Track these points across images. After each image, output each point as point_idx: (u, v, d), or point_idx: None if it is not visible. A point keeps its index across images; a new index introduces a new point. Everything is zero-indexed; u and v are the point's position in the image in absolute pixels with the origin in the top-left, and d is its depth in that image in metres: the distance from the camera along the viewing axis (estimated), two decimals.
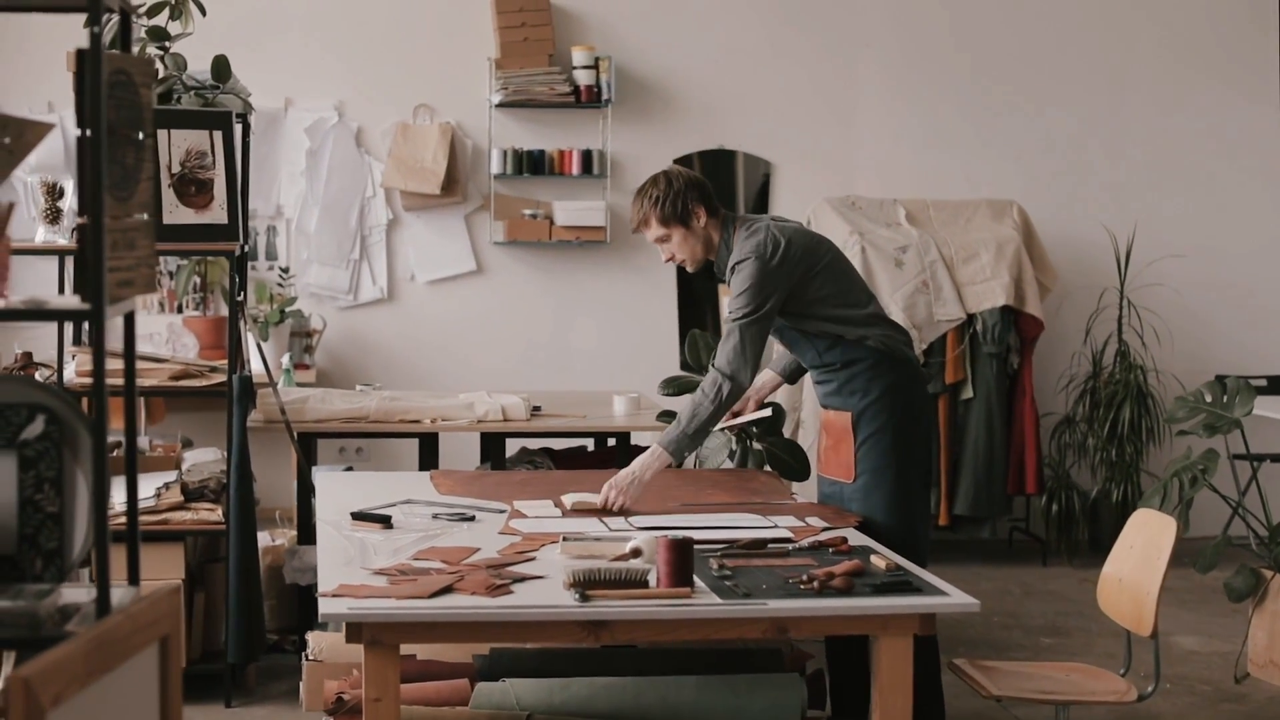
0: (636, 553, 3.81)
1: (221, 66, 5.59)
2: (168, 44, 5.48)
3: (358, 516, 4.32)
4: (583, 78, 7.78)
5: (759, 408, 5.00)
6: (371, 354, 7.87)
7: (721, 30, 8.00)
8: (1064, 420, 7.85)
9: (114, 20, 2.75)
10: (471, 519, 4.37)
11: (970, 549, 7.67)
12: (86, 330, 5.68)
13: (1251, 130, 8.20)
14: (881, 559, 3.90)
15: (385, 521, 4.27)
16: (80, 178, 2.44)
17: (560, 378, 7.82)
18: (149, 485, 5.30)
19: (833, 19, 8.04)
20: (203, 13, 5.63)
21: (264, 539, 5.81)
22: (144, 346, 6.35)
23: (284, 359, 7.15)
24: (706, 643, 4.32)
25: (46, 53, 7.09)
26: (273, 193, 7.78)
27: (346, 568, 3.79)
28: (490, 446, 6.18)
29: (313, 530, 4.71)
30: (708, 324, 7.86)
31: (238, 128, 5.53)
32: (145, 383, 5.34)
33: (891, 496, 4.51)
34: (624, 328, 8.00)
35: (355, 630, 3.45)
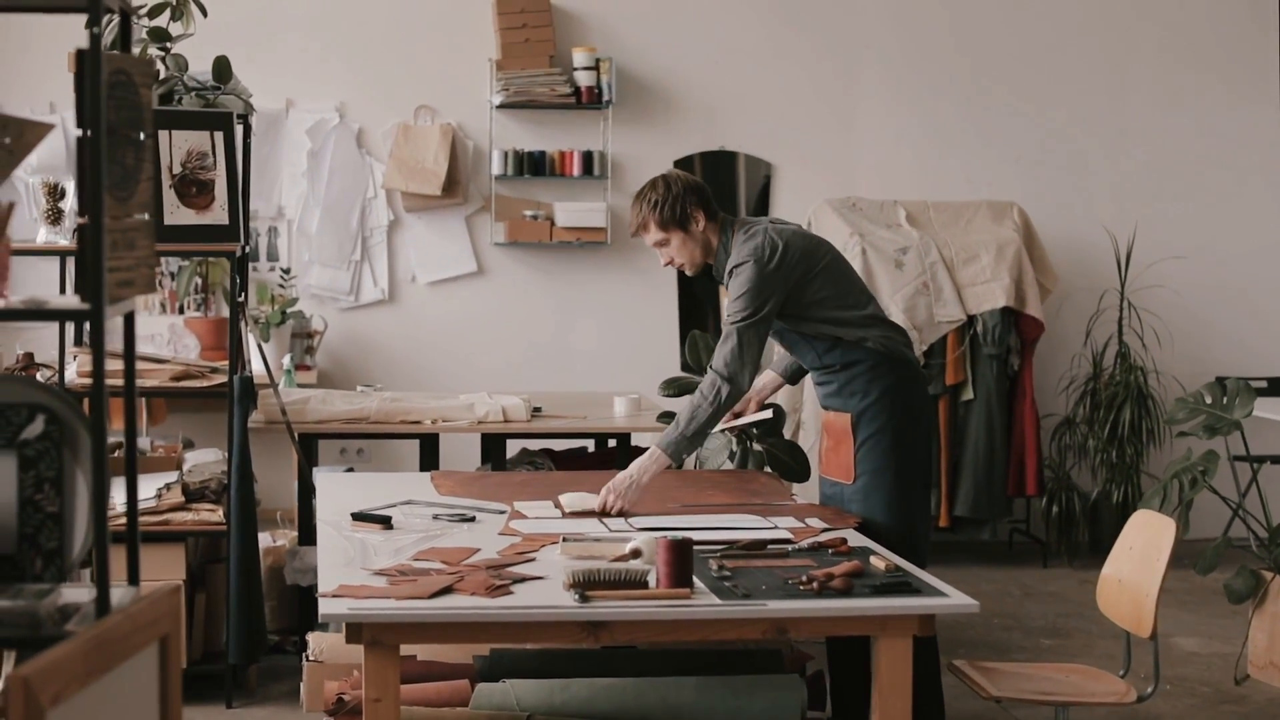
0: (636, 553, 3.82)
1: (222, 67, 5.59)
2: (169, 45, 5.48)
3: (358, 517, 4.32)
4: (583, 79, 7.79)
5: (759, 409, 4.99)
6: (372, 355, 7.87)
7: (722, 32, 8.00)
8: (1064, 422, 7.85)
9: (114, 21, 2.76)
10: (472, 520, 4.37)
11: (970, 550, 7.67)
12: (88, 331, 5.68)
13: (1252, 132, 8.20)
14: (881, 560, 3.91)
15: (386, 522, 4.27)
16: (80, 178, 2.45)
17: (561, 379, 7.82)
18: (150, 486, 5.30)
19: (833, 20, 8.04)
20: (204, 14, 5.64)
21: (265, 540, 5.81)
22: (145, 347, 6.35)
23: (285, 360, 7.15)
24: (706, 644, 4.33)
25: (48, 53, 7.10)
26: (274, 194, 7.79)
27: (347, 568, 3.79)
28: (491, 447, 6.18)
29: (313, 531, 4.71)
30: (708, 325, 7.85)
31: (239, 129, 5.53)
32: (146, 383, 5.34)
33: (891, 497, 4.51)
34: (625, 329, 8.00)
35: (355, 631, 3.46)
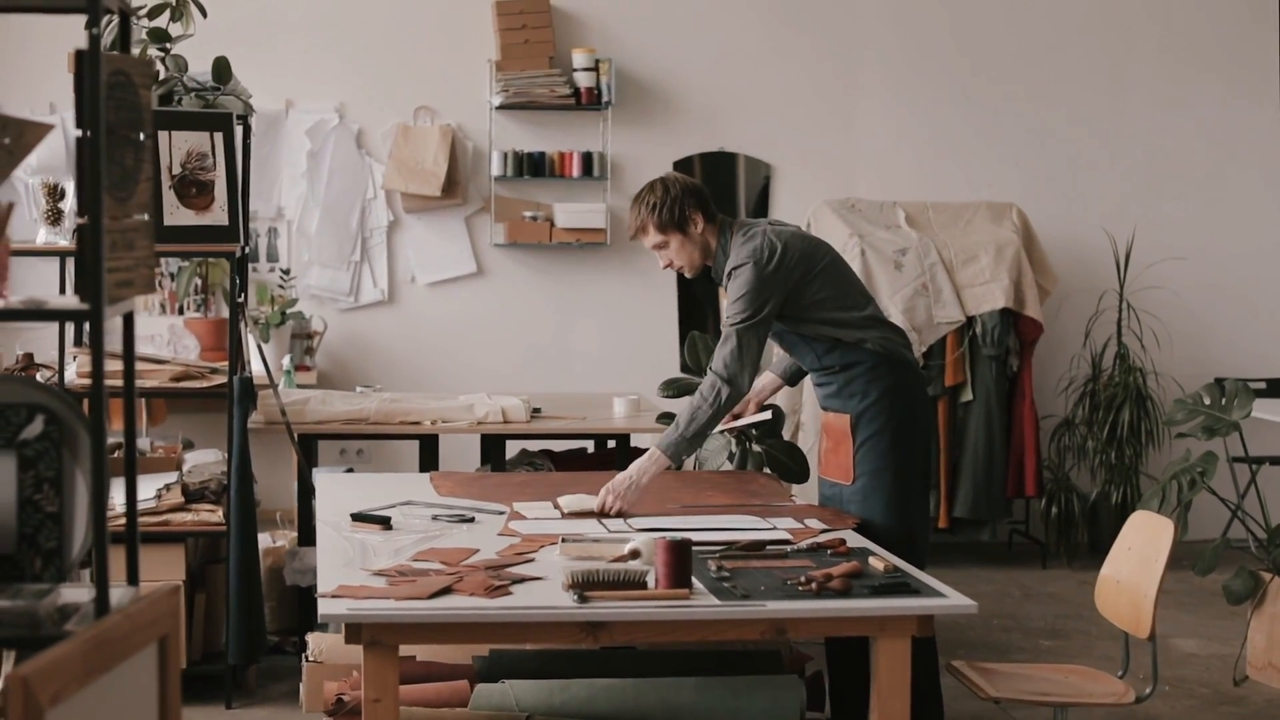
0: (635, 554, 3.82)
1: (222, 68, 5.60)
2: (169, 45, 5.48)
3: (358, 518, 4.32)
4: (583, 80, 7.79)
5: (758, 410, 5.00)
6: (372, 356, 7.87)
7: (721, 33, 8.00)
8: (1063, 423, 7.85)
9: (114, 21, 2.76)
10: (471, 520, 4.37)
11: (970, 551, 7.67)
12: (87, 331, 5.68)
13: (1251, 133, 8.20)
14: (880, 561, 3.91)
15: (385, 523, 4.28)
16: (79, 178, 2.45)
17: (560, 379, 7.82)
18: (150, 486, 5.30)
19: (832, 21, 8.04)
20: (203, 14, 5.64)
21: (264, 540, 5.81)
22: (145, 348, 6.35)
23: (285, 360, 7.15)
24: (705, 644, 4.33)
25: (48, 54, 7.10)
26: (273, 194, 7.79)
27: (346, 569, 3.79)
28: (490, 448, 6.19)
29: (313, 531, 4.71)
30: (708, 326, 7.86)
31: (238, 129, 5.53)
32: (146, 384, 5.34)
33: (890, 498, 4.51)
34: (624, 330, 8.00)
35: (355, 631, 3.46)
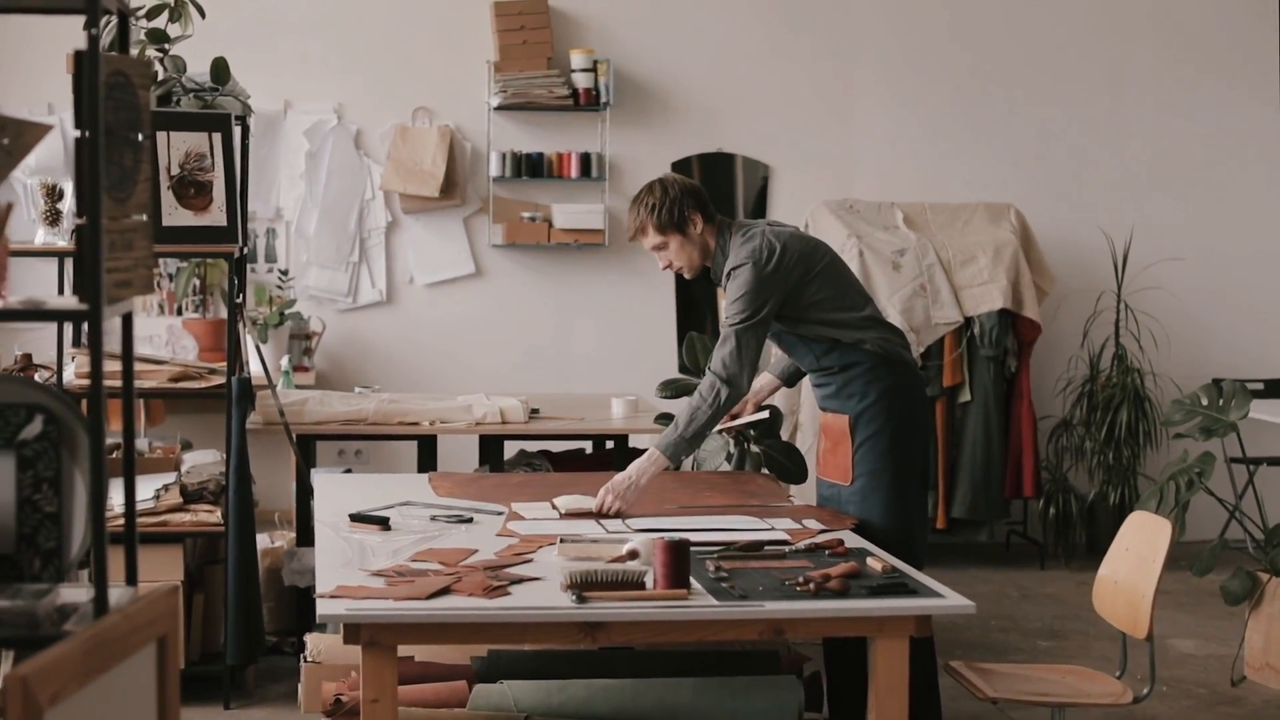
0: (633, 554, 3.82)
1: (221, 69, 5.60)
2: (167, 46, 5.48)
3: (356, 518, 4.32)
4: (581, 81, 7.79)
5: (756, 410, 5.00)
6: (370, 356, 7.87)
7: (720, 34, 8.01)
8: (1061, 423, 7.86)
9: (113, 22, 2.76)
10: (469, 521, 4.37)
11: (968, 552, 7.67)
12: (86, 332, 5.68)
13: (1248, 135, 8.21)
14: (877, 561, 3.91)
15: (383, 523, 4.28)
16: (78, 179, 2.45)
17: (559, 380, 7.83)
18: (148, 487, 5.30)
19: (830, 22, 8.05)
20: (202, 15, 5.64)
21: (263, 541, 5.81)
22: (143, 348, 6.35)
23: (283, 361, 7.15)
24: (704, 644, 4.33)
25: (46, 54, 7.08)
26: (272, 195, 7.79)
27: (345, 569, 3.80)
28: (488, 449, 6.19)
29: (311, 532, 4.72)
30: (706, 327, 7.86)
31: (237, 130, 5.53)
32: (145, 384, 5.34)
33: (889, 499, 4.51)
34: (622, 330, 8.01)
35: (353, 631, 3.46)
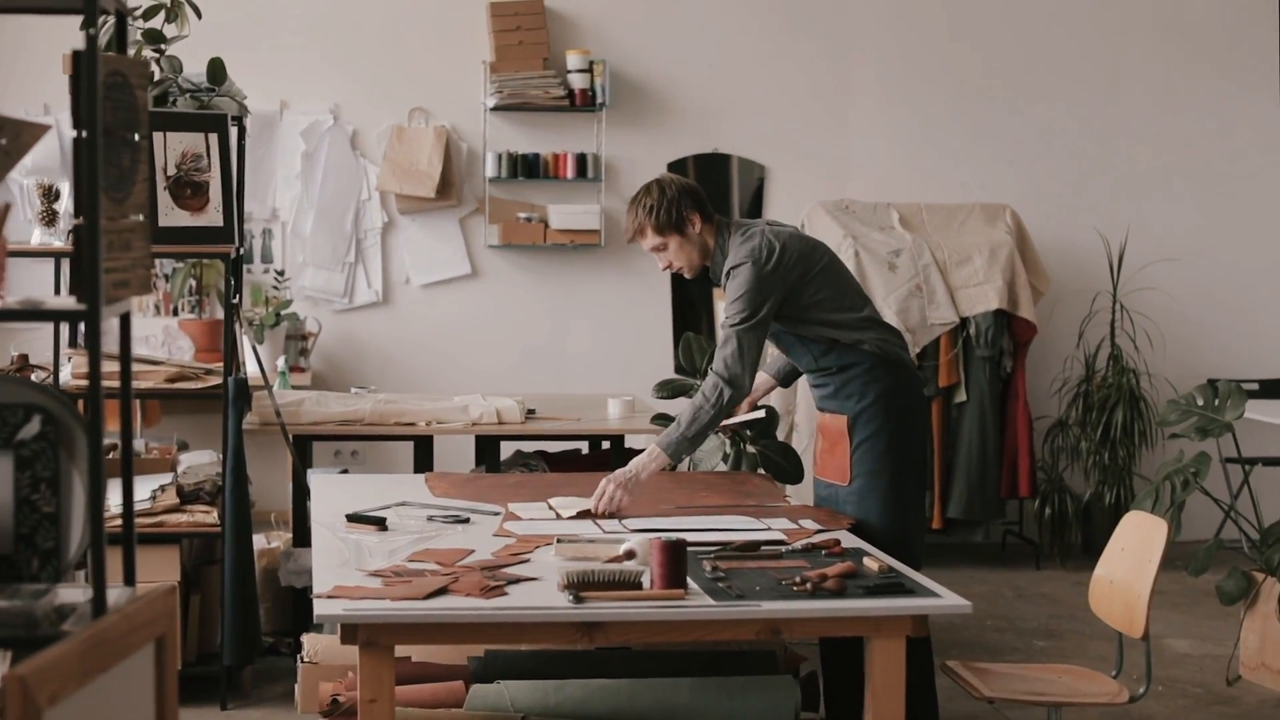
0: (630, 554, 3.82)
1: (217, 69, 5.60)
2: (163, 46, 5.48)
3: (353, 518, 4.32)
4: (577, 81, 7.79)
5: (752, 409, 5.00)
6: (367, 357, 7.88)
7: (716, 34, 8.01)
8: (1057, 423, 7.86)
9: (110, 22, 2.76)
10: (466, 521, 4.37)
11: (964, 552, 7.68)
12: (83, 333, 5.68)
13: (1245, 136, 8.22)
14: (874, 561, 3.91)
15: (380, 523, 4.28)
16: (76, 179, 2.45)
17: (555, 381, 7.83)
18: (145, 488, 5.30)
19: (827, 23, 8.05)
20: (198, 15, 5.64)
21: (259, 541, 5.81)
22: (140, 349, 6.35)
23: (279, 362, 7.15)
24: (700, 645, 4.33)
25: (43, 55, 7.09)
26: (268, 195, 7.79)
27: (341, 569, 3.80)
28: (485, 449, 6.19)
29: (308, 532, 4.72)
30: (702, 327, 7.86)
31: (233, 130, 5.53)
32: (141, 385, 5.34)
33: (886, 499, 4.52)
34: (619, 331, 8.01)
35: (350, 631, 3.46)
